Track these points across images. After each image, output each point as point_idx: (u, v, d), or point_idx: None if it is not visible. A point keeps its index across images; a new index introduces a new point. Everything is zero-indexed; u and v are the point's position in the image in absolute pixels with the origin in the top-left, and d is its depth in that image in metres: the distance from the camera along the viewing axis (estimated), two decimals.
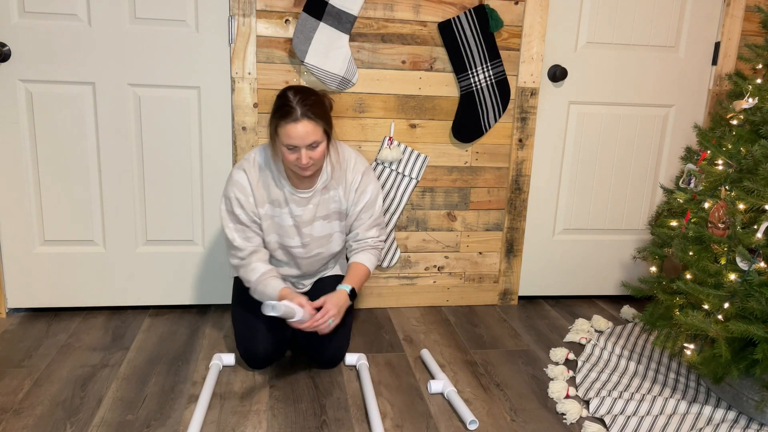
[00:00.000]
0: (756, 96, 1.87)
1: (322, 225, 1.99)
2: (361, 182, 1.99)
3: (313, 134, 1.77)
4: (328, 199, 1.97)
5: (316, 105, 1.78)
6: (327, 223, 1.99)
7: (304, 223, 1.96)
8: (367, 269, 2.00)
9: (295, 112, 1.75)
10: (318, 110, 1.78)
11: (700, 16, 2.52)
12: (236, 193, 1.90)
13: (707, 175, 1.89)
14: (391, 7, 2.28)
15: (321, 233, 2.00)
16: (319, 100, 1.82)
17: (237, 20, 2.19)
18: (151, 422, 1.70)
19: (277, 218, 1.95)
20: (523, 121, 2.46)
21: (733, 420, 1.79)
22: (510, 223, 2.57)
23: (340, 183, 1.98)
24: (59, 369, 1.96)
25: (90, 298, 2.40)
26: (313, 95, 1.81)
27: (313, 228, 1.98)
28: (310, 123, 1.76)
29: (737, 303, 1.66)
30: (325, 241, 2.02)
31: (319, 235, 2.00)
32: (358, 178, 1.98)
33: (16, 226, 2.28)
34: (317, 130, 1.78)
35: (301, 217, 1.95)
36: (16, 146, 2.22)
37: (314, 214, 1.96)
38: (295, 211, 1.95)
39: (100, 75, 2.20)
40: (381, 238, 2.06)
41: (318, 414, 1.77)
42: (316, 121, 1.77)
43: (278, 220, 1.96)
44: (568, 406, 1.80)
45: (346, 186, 1.98)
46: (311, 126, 1.76)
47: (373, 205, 2.02)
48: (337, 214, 2.01)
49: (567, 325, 2.47)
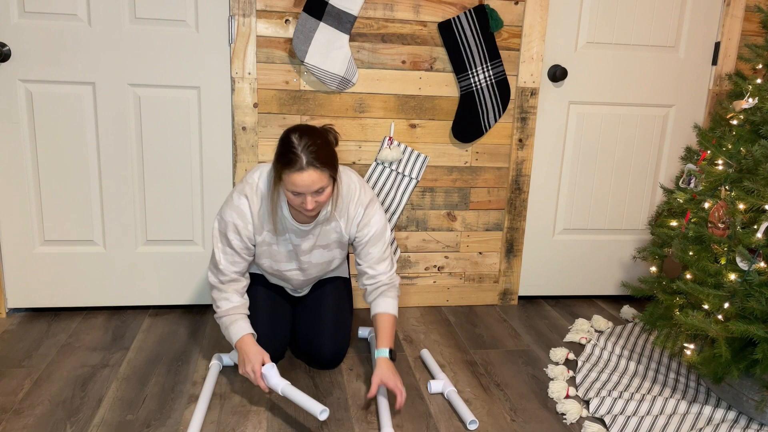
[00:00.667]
0: (756, 96, 1.87)
1: (321, 253, 1.95)
2: (364, 216, 1.90)
3: (319, 182, 1.68)
4: (329, 230, 1.91)
5: (321, 149, 1.68)
6: (327, 252, 1.96)
7: (302, 252, 1.92)
8: (392, 317, 1.90)
9: (300, 160, 1.65)
10: (323, 155, 1.68)
11: (700, 16, 2.52)
12: (234, 219, 1.83)
13: (707, 175, 1.89)
14: (391, 7, 2.28)
15: (320, 260, 1.97)
16: (325, 142, 1.72)
17: (237, 20, 2.19)
18: (151, 422, 1.70)
19: (274, 246, 1.90)
20: (523, 121, 2.46)
21: (733, 420, 1.79)
22: (510, 223, 2.57)
23: (342, 215, 1.90)
24: (59, 369, 1.96)
25: (90, 298, 2.40)
26: (319, 138, 1.70)
27: (312, 256, 1.94)
28: (316, 171, 1.66)
29: (737, 303, 1.66)
30: (324, 266, 2.00)
31: (318, 261, 1.97)
32: (361, 212, 1.90)
33: (16, 226, 2.28)
34: (323, 177, 1.68)
35: (300, 246, 1.91)
36: (16, 146, 2.22)
37: (314, 243, 1.91)
38: (294, 241, 1.90)
39: (100, 75, 2.20)
40: (393, 272, 1.96)
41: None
42: (322, 169, 1.67)
43: (276, 247, 1.90)
44: (568, 406, 1.80)
45: (348, 219, 1.91)
46: (317, 174, 1.66)
47: (380, 238, 1.92)
48: (338, 244, 1.96)
49: (567, 325, 2.47)
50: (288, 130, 1.72)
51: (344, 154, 2.38)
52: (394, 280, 1.96)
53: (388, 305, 1.91)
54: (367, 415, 1.78)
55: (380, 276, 1.93)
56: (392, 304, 1.92)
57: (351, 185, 1.89)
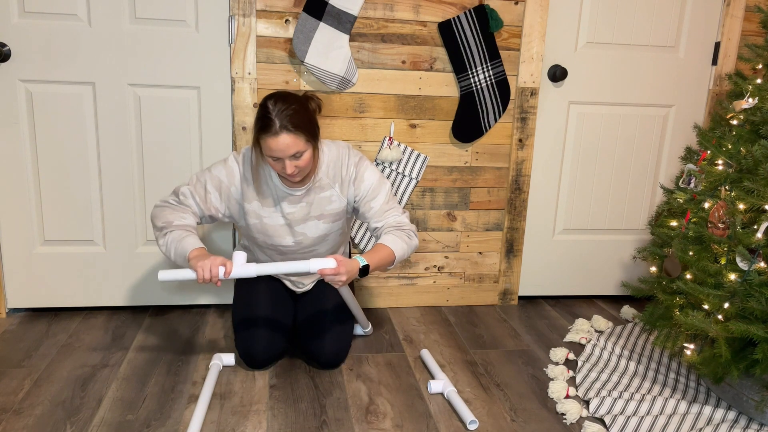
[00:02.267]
0: (756, 96, 1.87)
1: (317, 225, 1.94)
2: (357, 173, 1.91)
3: (294, 146, 1.71)
4: (323, 200, 1.91)
5: (296, 114, 1.71)
6: (322, 224, 1.94)
7: (296, 221, 1.91)
8: (389, 249, 1.83)
9: (274, 124, 1.69)
10: (298, 120, 1.71)
11: (700, 16, 2.52)
12: (221, 175, 1.86)
13: (707, 175, 1.89)
14: (391, 7, 2.28)
15: (315, 233, 1.95)
16: (301, 108, 1.74)
17: (237, 20, 2.19)
18: (151, 422, 1.70)
19: (266, 218, 1.90)
20: (523, 121, 2.46)
21: (733, 420, 1.79)
22: (510, 223, 2.57)
23: (335, 181, 1.91)
24: (59, 369, 1.96)
25: (90, 298, 2.40)
26: (294, 103, 1.73)
27: (306, 227, 1.93)
28: (290, 135, 1.70)
29: (737, 303, 1.66)
30: (320, 240, 1.98)
31: (314, 235, 1.96)
32: (353, 171, 1.91)
33: (16, 226, 2.28)
34: (298, 141, 1.71)
35: (294, 215, 1.90)
36: (16, 146, 2.22)
37: (308, 212, 1.91)
38: (286, 209, 1.89)
39: (100, 75, 2.20)
40: (401, 219, 1.91)
41: (318, 414, 1.77)
42: (296, 132, 1.70)
43: (267, 220, 1.90)
44: (568, 406, 1.80)
45: (342, 182, 1.92)
46: (291, 138, 1.70)
47: (378, 190, 1.91)
48: (335, 215, 1.94)
49: (567, 325, 2.47)
50: (266, 96, 1.77)
51: None
52: (403, 223, 1.89)
53: (388, 240, 1.84)
54: (367, 415, 1.78)
55: (388, 221, 1.89)
56: (394, 241, 1.85)
57: (340, 152, 1.92)
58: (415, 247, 1.91)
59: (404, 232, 1.89)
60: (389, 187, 1.95)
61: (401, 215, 1.93)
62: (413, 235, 1.91)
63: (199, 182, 1.88)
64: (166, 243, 1.80)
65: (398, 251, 1.84)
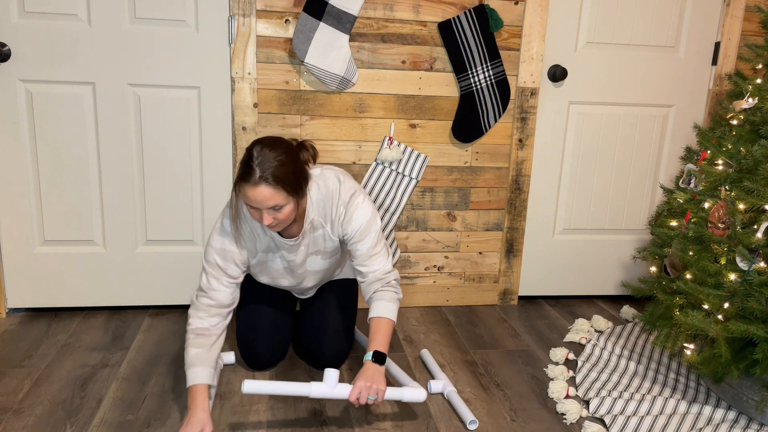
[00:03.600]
0: (756, 96, 1.87)
1: (315, 260, 1.90)
2: (346, 213, 1.80)
3: (272, 199, 1.59)
4: (318, 238, 1.84)
5: (281, 167, 1.59)
6: (320, 259, 1.90)
7: (297, 265, 1.88)
8: (387, 320, 1.77)
9: (254, 174, 1.57)
10: (281, 172, 1.59)
11: (700, 16, 2.52)
12: (225, 245, 1.77)
13: (707, 175, 1.89)
14: (391, 7, 2.28)
15: (315, 268, 1.92)
16: (288, 159, 1.62)
17: (237, 20, 2.19)
18: (151, 422, 1.70)
19: (270, 263, 1.87)
20: (523, 121, 2.46)
21: (733, 420, 1.79)
22: (510, 223, 2.57)
23: (327, 220, 1.82)
24: (59, 369, 1.96)
25: (90, 298, 2.40)
26: (282, 154, 1.61)
27: (307, 265, 1.90)
28: (269, 188, 1.57)
29: (737, 303, 1.66)
30: (323, 273, 1.97)
31: (314, 269, 1.92)
32: (342, 211, 1.80)
33: (16, 226, 2.28)
34: (277, 195, 1.59)
35: (294, 261, 1.86)
36: (16, 146, 2.22)
37: (306, 253, 1.86)
38: (287, 257, 1.85)
39: (100, 75, 2.20)
40: (386, 268, 1.84)
41: (318, 414, 1.77)
42: (275, 186, 1.58)
43: (271, 264, 1.87)
44: (568, 406, 1.80)
45: (333, 222, 1.83)
46: (269, 191, 1.58)
47: (366, 233, 1.81)
48: (331, 251, 1.90)
49: (567, 325, 2.47)
50: (254, 141, 1.65)
51: (344, 154, 2.38)
52: (389, 276, 1.84)
53: (382, 308, 1.79)
54: (367, 415, 1.78)
55: (372, 273, 1.83)
56: (386, 306, 1.80)
57: (330, 187, 1.81)
58: (401, 298, 1.86)
59: (391, 287, 1.83)
60: (378, 227, 1.85)
61: (386, 261, 1.85)
62: (398, 288, 1.85)
63: (210, 264, 1.78)
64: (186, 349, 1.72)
65: (395, 316, 1.81)
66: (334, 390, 1.64)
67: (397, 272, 1.88)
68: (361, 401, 1.64)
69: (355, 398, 1.63)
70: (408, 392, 1.72)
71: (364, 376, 1.66)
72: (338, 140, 2.36)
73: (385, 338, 1.75)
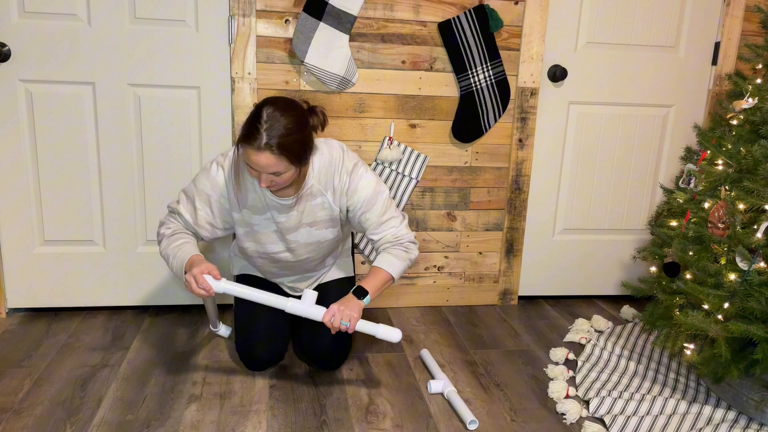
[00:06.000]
0: (756, 96, 1.87)
1: (309, 232, 1.85)
2: (350, 182, 1.78)
3: (274, 166, 1.58)
4: (315, 206, 1.80)
5: (287, 135, 1.57)
6: (315, 230, 1.85)
7: (287, 230, 1.82)
8: (385, 272, 1.76)
9: (259, 139, 1.55)
10: (287, 141, 1.57)
11: (700, 16, 2.52)
12: (207, 189, 1.77)
13: (707, 175, 1.89)
14: (391, 7, 2.28)
15: (308, 240, 1.87)
16: (296, 127, 1.60)
17: (237, 20, 2.19)
18: (151, 422, 1.70)
19: (256, 226, 1.82)
20: (523, 121, 2.46)
21: (733, 420, 1.79)
22: (510, 223, 2.57)
23: (328, 188, 1.79)
24: (59, 369, 1.96)
25: (90, 298, 2.40)
26: (291, 121, 1.58)
27: (299, 234, 1.85)
28: (272, 157, 1.56)
29: (737, 303, 1.66)
30: (314, 247, 1.91)
31: (306, 241, 1.87)
32: (346, 180, 1.78)
33: (16, 226, 2.28)
34: (280, 163, 1.58)
35: (285, 224, 1.80)
36: (16, 146, 2.22)
37: (299, 221, 1.81)
38: (277, 218, 1.80)
39: (100, 75, 2.20)
40: (400, 231, 1.80)
41: (318, 414, 1.77)
42: (279, 155, 1.56)
43: (257, 227, 1.82)
44: (568, 406, 1.80)
45: (335, 190, 1.80)
46: (272, 159, 1.57)
47: (374, 201, 1.79)
48: (329, 222, 1.86)
49: (567, 325, 2.47)
50: (267, 99, 1.62)
51: None
52: (402, 237, 1.79)
53: (384, 260, 1.76)
54: (367, 415, 1.78)
55: (383, 237, 1.79)
56: (389, 260, 1.76)
57: (333, 156, 1.78)
58: (414, 258, 1.83)
59: (402, 246, 1.80)
60: (386, 194, 1.82)
61: (399, 225, 1.82)
62: (412, 248, 1.82)
63: (188, 200, 1.79)
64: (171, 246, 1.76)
65: (396, 271, 1.78)
66: (309, 308, 1.69)
67: (413, 235, 1.84)
68: (335, 324, 1.67)
69: (328, 319, 1.66)
70: (383, 329, 1.75)
71: (341, 301, 1.70)
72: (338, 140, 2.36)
73: (375, 284, 1.76)
